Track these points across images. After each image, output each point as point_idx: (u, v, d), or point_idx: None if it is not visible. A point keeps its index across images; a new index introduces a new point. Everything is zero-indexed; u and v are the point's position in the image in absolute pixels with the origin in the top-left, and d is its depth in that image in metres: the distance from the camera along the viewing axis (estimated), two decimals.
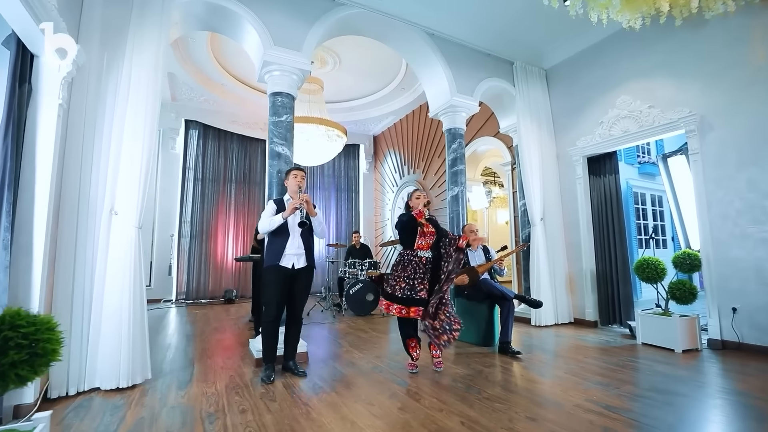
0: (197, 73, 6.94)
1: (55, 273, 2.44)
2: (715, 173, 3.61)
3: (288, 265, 2.80)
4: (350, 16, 3.95)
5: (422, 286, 2.89)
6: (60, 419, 2.08)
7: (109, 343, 2.52)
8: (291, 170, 2.99)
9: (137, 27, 2.85)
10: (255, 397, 2.39)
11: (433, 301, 2.83)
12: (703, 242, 3.65)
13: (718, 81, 3.61)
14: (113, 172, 2.69)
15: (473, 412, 2.14)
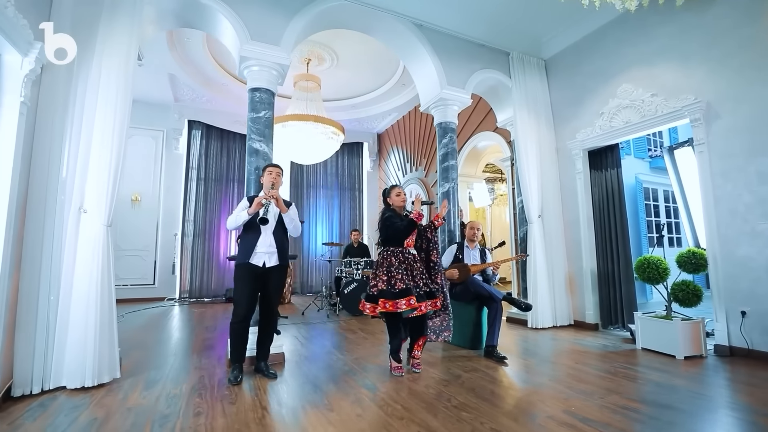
0: (197, 74, 6.98)
1: (20, 270, 2.44)
2: (723, 165, 3.33)
3: (259, 263, 2.72)
4: (332, 9, 3.85)
5: (424, 281, 2.83)
6: (13, 419, 2.06)
7: (75, 342, 2.51)
8: (266, 167, 2.91)
9: (107, 26, 2.83)
10: (215, 400, 2.32)
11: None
12: (709, 240, 3.37)
13: (725, 65, 3.33)
14: (82, 170, 2.68)
15: (435, 422, 2.00)
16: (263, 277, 2.75)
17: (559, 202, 4.81)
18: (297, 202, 9.22)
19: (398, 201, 3.00)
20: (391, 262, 2.83)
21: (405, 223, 2.82)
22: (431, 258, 3.01)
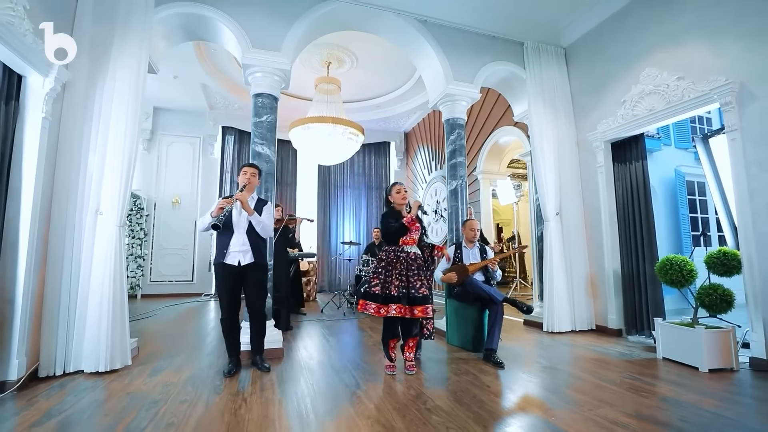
0: (227, 82, 7.39)
1: (46, 265, 2.76)
2: (759, 153, 2.93)
3: (233, 262, 2.79)
4: (330, 12, 3.90)
5: (421, 282, 2.78)
6: (33, 396, 2.34)
7: (91, 331, 2.79)
8: (242, 167, 2.98)
9: (120, 42, 3.10)
10: (204, 390, 2.47)
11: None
12: (743, 239, 2.98)
13: (763, 38, 2.92)
14: (98, 176, 2.96)
15: (401, 423, 1.98)
16: (241, 276, 2.83)
17: (580, 198, 4.50)
18: (324, 202, 9.46)
19: (398, 198, 2.96)
20: (388, 262, 2.82)
21: (396, 226, 2.80)
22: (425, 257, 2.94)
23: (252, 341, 3.00)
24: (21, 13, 2.42)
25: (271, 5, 3.70)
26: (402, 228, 2.79)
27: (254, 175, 2.96)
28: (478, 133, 6.81)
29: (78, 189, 2.90)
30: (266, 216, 2.96)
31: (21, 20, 2.43)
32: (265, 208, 2.99)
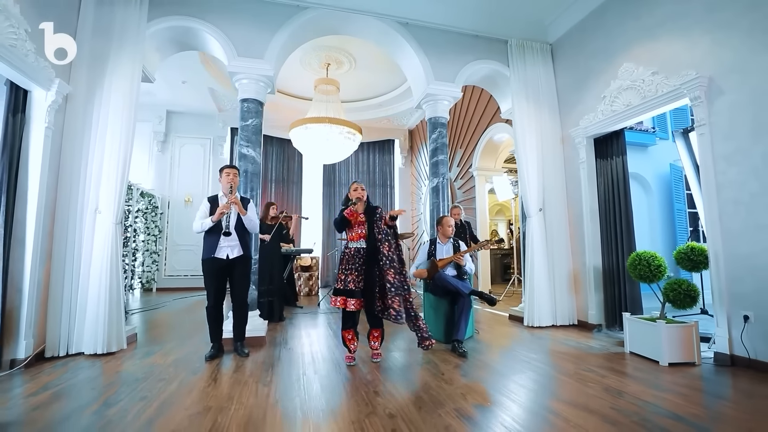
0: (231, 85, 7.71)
1: (51, 259, 3.10)
2: (726, 148, 2.91)
3: (223, 256, 3.06)
4: (311, 19, 4.09)
5: (352, 277, 2.90)
6: (36, 373, 2.67)
7: (91, 317, 3.11)
8: (223, 168, 3.19)
9: (116, 55, 3.41)
10: (183, 371, 2.74)
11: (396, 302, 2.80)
12: (710, 234, 2.98)
13: (731, 30, 2.90)
14: (97, 178, 3.28)
15: (341, 403, 2.16)
16: (229, 269, 3.09)
17: (564, 194, 4.52)
18: (329, 200, 9.73)
19: (354, 195, 3.04)
20: (344, 260, 2.98)
21: (338, 218, 2.95)
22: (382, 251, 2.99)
23: (234, 329, 3.25)
24: (23, 36, 2.74)
25: (255, 15, 3.92)
26: (343, 219, 2.92)
27: (236, 175, 3.20)
28: (474, 129, 6.86)
29: (79, 190, 3.23)
30: (252, 213, 3.22)
31: (23, 42, 2.75)
32: (250, 206, 3.23)
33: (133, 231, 6.98)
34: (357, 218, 2.98)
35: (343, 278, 2.89)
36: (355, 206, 2.91)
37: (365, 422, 1.91)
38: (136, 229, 7.15)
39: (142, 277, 7.50)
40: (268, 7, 3.95)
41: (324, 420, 1.94)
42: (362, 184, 3.13)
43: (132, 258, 6.93)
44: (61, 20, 3.23)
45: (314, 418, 1.97)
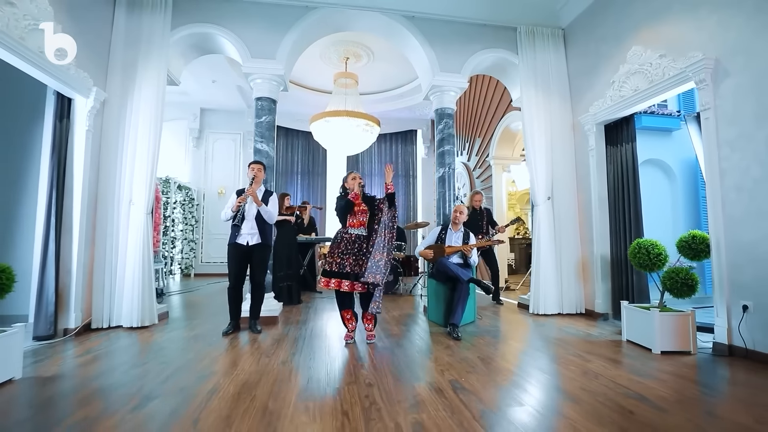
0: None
1: (94, 245, 3.59)
2: (730, 132, 2.80)
3: (243, 242, 3.41)
4: (322, 17, 4.28)
5: (349, 260, 3.11)
6: (83, 341, 3.15)
7: (127, 295, 3.58)
8: (250, 164, 3.55)
9: (144, 64, 3.80)
10: (201, 342, 3.11)
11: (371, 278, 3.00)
12: (712, 222, 2.89)
13: (736, 10, 2.76)
14: (130, 174, 3.72)
15: (328, 375, 2.40)
16: (248, 254, 3.43)
17: (575, 182, 4.46)
18: None
19: (353, 184, 3.26)
20: (335, 242, 3.19)
21: (342, 203, 3.15)
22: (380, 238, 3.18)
23: (251, 308, 3.59)
24: None
25: (266, 18, 4.18)
26: (348, 204, 3.11)
27: (260, 170, 3.53)
28: (492, 118, 6.80)
29: (116, 184, 3.68)
30: (272, 205, 3.53)
31: None
32: (271, 199, 3.55)
33: (171, 221, 7.64)
34: (360, 206, 3.18)
35: (339, 261, 3.08)
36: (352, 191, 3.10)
37: (345, 389, 2.14)
38: (174, 219, 7.81)
39: (181, 263, 8.21)
40: (278, 9, 4.19)
41: (308, 385, 2.20)
42: (359, 173, 3.32)
43: (171, 246, 7.60)
44: (98, 35, 3.66)
45: (302, 382, 2.23)
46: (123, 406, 1.91)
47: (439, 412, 1.84)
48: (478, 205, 5.17)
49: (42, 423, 1.75)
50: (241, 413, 1.82)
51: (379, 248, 3.06)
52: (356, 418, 1.78)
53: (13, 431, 1.67)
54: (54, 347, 2.97)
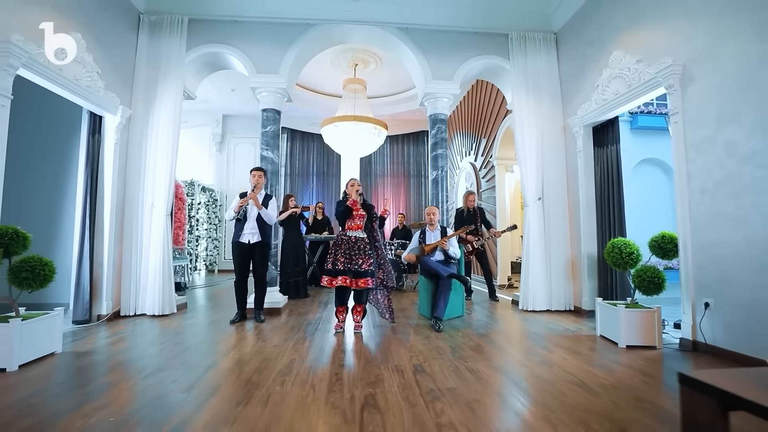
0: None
1: (122, 242, 4.11)
2: (696, 136, 2.90)
3: (245, 241, 3.82)
4: (321, 33, 4.63)
5: (345, 259, 3.44)
6: (113, 326, 3.66)
7: (150, 287, 4.09)
8: (251, 170, 3.96)
9: (163, 82, 4.29)
10: (211, 329, 3.55)
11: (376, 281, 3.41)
12: (680, 223, 3.00)
13: (702, 16, 2.86)
14: (152, 180, 4.22)
15: (311, 356, 2.75)
16: (250, 251, 3.84)
17: (565, 183, 4.58)
18: (367, 190, 10.36)
19: (351, 191, 3.60)
20: (337, 244, 3.53)
21: (341, 209, 3.49)
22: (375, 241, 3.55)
23: (255, 300, 4.01)
24: (96, 77, 3.67)
25: (270, 35, 4.57)
26: (347, 209, 3.45)
27: (261, 176, 3.93)
28: (494, 119, 6.93)
29: (139, 190, 4.19)
30: (271, 209, 3.92)
31: (96, 81, 3.68)
32: (271, 202, 3.94)
33: (196, 221, 8.27)
34: (358, 211, 3.51)
35: (343, 260, 3.39)
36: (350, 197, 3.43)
37: (319, 368, 2.47)
38: (199, 219, 8.45)
39: (206, 260, 8.86)
40: (281, 27, 4.57)
41: (290, 364, 2.54)
42: (358, 180, 3.64)
43: (195, 244, 8.24)
44: (124, 58, 4.17)
45: (285, 362, 2.58)
46: (138, 375, 2.34)
47: (392, 387, 2.13)
48: (472, 205, 5.37)
49: (75, 385, 2.20)
50: (229, 383, 2.20)
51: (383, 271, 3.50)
52: (321, 389, 2.10)
53: (53, 390, 2.11)
54: (89, 330, 3.49)
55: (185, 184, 7.80)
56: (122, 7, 4.13)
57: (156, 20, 4.36)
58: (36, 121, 4.36)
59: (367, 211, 3.58)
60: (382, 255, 3.62)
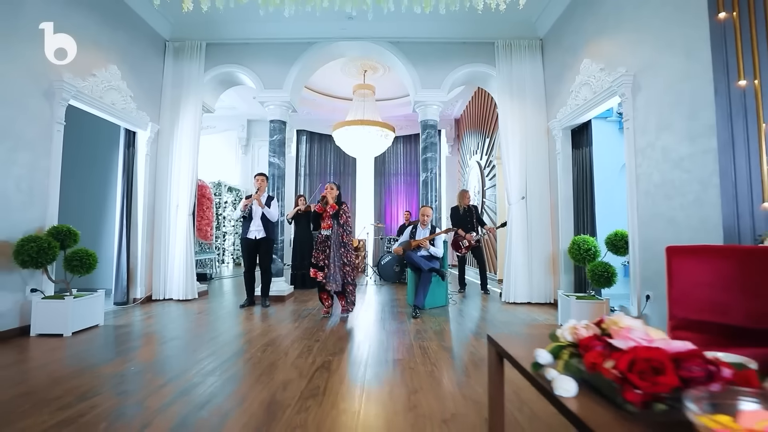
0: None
1: (153, 238, 4.87)
2: (642, 142, 3.14)
3: (252, 236, 4.44)
4: (321, 50, 5.15)
5: (323, 255, 3.94)
6: (145, 308, 4.40)
7: (176, 276, 4.82)
8: (255, 175, 4.55)
9: (186, 99, 4.99)
10: (224, 312, 4.20)
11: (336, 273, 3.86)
12: (630, 221, 3.25)
13: (648, 29, 3.08)
14: (176, 185, 4.94)
15: (295, 334, 3.29)
16: (256, 246, 4.45)
17: (548, 183, 4.83)
18: (380, 188, 10.85)
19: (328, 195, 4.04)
20: (316, 242, 4.02)
21: (312, 214, 4.00)
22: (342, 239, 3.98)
23: (262, 288, 4.63)
24: (129, 100, 4.40)
25: (275, 55, 5.14)
26: (315, 214, 3.96)
27: (263, 181, 4.52)
28: (496, 119, 7.16)
29: (166, 194, 4.92)
30: (273, 208, 4.52)
31: (130, 104, 4.41)
32: (273, 203, 4.54)
33: (223, 218, 9.13)
34: (328, 213, 4.00)
35: (316, 256, 3.93)
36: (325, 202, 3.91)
37: (297, 341, 3.01)
38: (225, 217, 9.30)
39: (233, 254, 9.73)
40: (284, 46, 5.13)
41: (275, 337, 3.09)
42: (333, 184, 4.08)
43: (223, 239, 9.10)
44: (152, 81, 4.90)
45: (272, 336, 3.14)
46: (160, 341, 3.00)
47: (348, 356, 2.62)
48: (467, 203, 5.71)
49: (111, 346, 2.87)
50: (224, 350, 2.78)
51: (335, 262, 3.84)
52: (291, 356, 2.63)
53: (95, 349, 2.79)
54: (126, 310, 4.25)
55: (213, 184, 8.64)
56: (150, 37, 4.85)
57: (179, 46, 5.06)
58: (83, 138, 5.21)
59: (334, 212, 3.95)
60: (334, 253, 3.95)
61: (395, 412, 1.81)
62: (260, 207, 4.40)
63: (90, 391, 2.02)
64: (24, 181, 3.22)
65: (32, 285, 3.26)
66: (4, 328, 3.02)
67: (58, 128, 3.48)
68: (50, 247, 3.07)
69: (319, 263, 3.89)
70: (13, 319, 3.10)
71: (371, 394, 2.02)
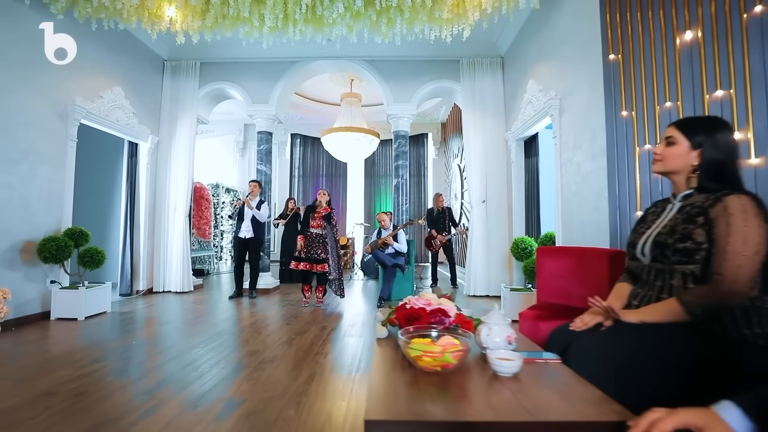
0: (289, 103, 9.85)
1: (154, 236, 5.48)
2: (564, 157, 3.68)
3: (242, 236, 5.04)
4: (304, 68, 5.71)
5: (311, 251, 4.55)
6: (147, 299, 5.02)
7: (173, 271, 5.43)
8: (250, 182, 5.16)
9: (182, 113, 5.58)
10: (213, 302, 4.81)
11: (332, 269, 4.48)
12: (556, 224, 3.80)
13: (570, 56, 3.60)
14: (174, 189, 5.54)
15: (272, 320, 3.89)
16: (246, 244, 5.06)
17: (505, 188, 5.37)
18: (370, 189, 11.42)
19: (321, 198, 4.66)
20: (305, 237, 4.63)
21: (301, 216, 4.59)
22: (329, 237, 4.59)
23: (250, 282, 5.23)
24: (131, 116, 5.00)
25: (262, 72, 5.71)
26: (294, 215, 4.54)
27: (255, 186, 5.13)
28: None
29: (165, 198, 5.53)
30: (263, 210, 5.11)
31: (132, 119, 5.01)
32: (263, 206, 5.14)
33: (221, 218, 9.75)
34: (319, 214, 4.58)
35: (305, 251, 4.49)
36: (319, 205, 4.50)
37: (270, 325, 3.60)
38: (223, 216, 9.92)
39: (230, 251, 10.36)
40: (270, 65, 5.70)
41: (254, 322, 3.69)
42: (324, 191, 4.70)
43: (220, 238, 9.73)
44: (153, 98, 5.50)
45: (251, 321, 3.73)
46: (158, 325, 3.60)
47: (307, 337, 3.21)
48: (441, 205, 6.27)
49: (119, 328, 3.49)
50: (206, 331, 3.37)
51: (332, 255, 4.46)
52: (264, 335, 3.22)
53: (103, 334, 3.40)
54: (130, 300, 4.87)
55: (211, 186, 9.25)
56: (150, 59, 5.45)
57: (176, 65, 5.64)
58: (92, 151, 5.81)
59: (326, 214, 4.60)
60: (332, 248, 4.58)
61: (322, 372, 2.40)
62: (249, 208, 4.99)
63: (101, 357, 2.62)
64: (44, 190, 3.83)
65: (52, 277, 3.87)
66: (30, 313, 3.65)
67: (72, 145, 4.09)
68: (66, 246, 3.68)
69: (307, 255, 4.46)
70: (36, 305, 3.72)
71: (319, 363, 2.60)
